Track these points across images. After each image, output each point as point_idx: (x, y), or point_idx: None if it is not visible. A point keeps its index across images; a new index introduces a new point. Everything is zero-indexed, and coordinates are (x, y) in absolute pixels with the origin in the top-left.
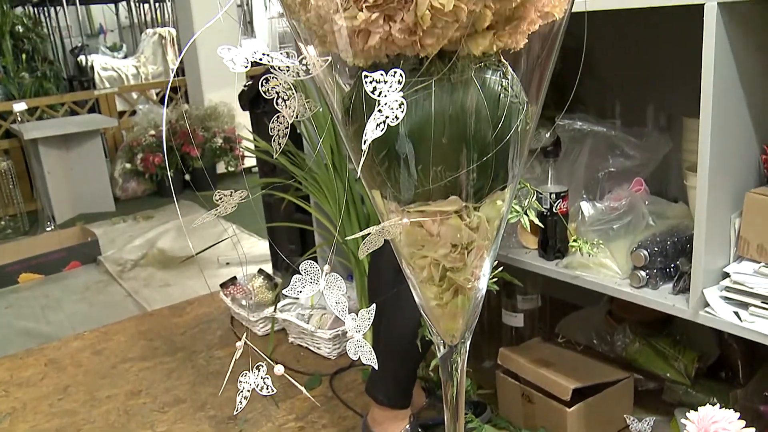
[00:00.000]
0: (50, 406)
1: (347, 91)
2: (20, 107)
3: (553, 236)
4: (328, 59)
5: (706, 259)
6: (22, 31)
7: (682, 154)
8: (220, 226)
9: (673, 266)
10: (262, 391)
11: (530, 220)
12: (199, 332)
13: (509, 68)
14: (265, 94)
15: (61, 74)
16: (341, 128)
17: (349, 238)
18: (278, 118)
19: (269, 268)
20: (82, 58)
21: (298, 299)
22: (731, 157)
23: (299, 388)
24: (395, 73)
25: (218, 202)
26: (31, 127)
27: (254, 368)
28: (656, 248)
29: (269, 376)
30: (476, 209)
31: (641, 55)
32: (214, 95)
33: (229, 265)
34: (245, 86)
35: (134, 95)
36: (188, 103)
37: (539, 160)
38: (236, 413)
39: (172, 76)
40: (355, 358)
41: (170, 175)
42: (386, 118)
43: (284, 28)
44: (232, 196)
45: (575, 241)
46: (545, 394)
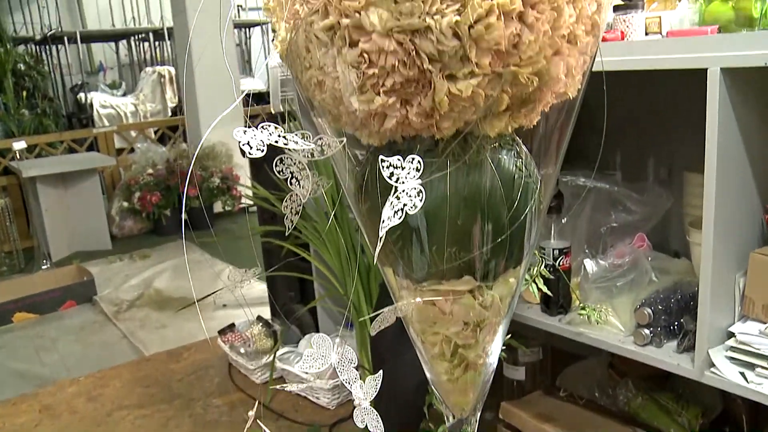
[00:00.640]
0: None
1: (359, 167)
2: (20, 145)
3: (556, 292)
4: (342, 140)
5: (711, 318)
6: (23, 68)
7: (683, 208)
8: (216, 267)
9: (677, 324)
10: None
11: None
12: (196, 379)
13: (523, 147)
14: (279, 174)
15: (60, 111)
16: (352, 203)
17: (362, 319)
18: (291, 196)
19: (267, 310)
20: (81, 95)
21: (297, 347)
22: (735, 217)
23: None
24: (413, 159)
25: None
26: (29, 164)
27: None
28: (660, 306)
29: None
30: (489, 288)
31: (642, 108)
32: (212, 135)
33: (225, 307)
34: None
35: (132, 133)
36: (186, 142)
37: None
38: None
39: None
40: (362, 426)
41: (168, 214)
42: (404, 206)
43: (286, 75)
44: (246, 273)
45: (583, 308)
46: None
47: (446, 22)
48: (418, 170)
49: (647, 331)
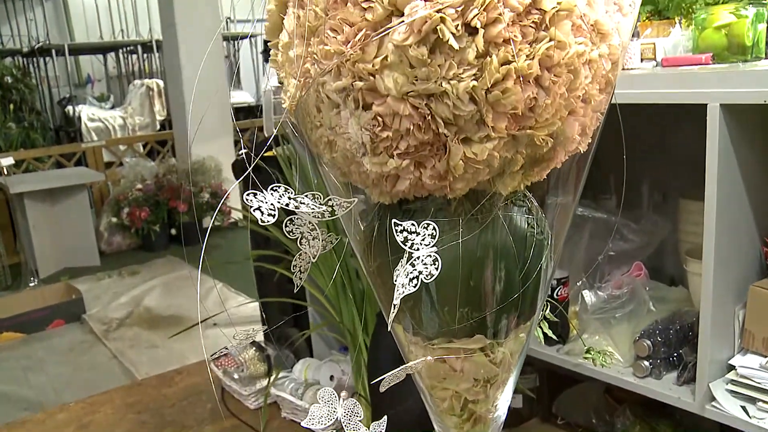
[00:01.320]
0: None
1: (368, 222)
2: (7, 161)
3: (554, 322)
4: (354, 201)
5: (711, 351)
6: (10, 81)
7: (679, 234)
8: (206, 284)
9: (676, 355)
10: None
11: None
12: (188, 405)
13: (534, 202)
14: (289, 234)
15: (48, 125)
16: (360, 258)
17: (373, 381)
18: (300, 255)
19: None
20: (69, 108)
21: (291, 372)
22: (734, 249)
23: None
24: (428, 225)
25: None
26: (17, 180)
27: None
28: (659, 338)
29: None
30: (500, 344)
31: (636, 134)
32: (201, 150)
33: (216, 325)
34: (239, 155)
35: (121, 147)
36: (175, 157)
37: None
38: None
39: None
40: None
41: (157, 229)
42: (419, 273)
43: (279, 99)
44: (254, 330)
45: (588, 351)
46: None
47: (463, 87)
48: (433, 237)
49: (647, 363)
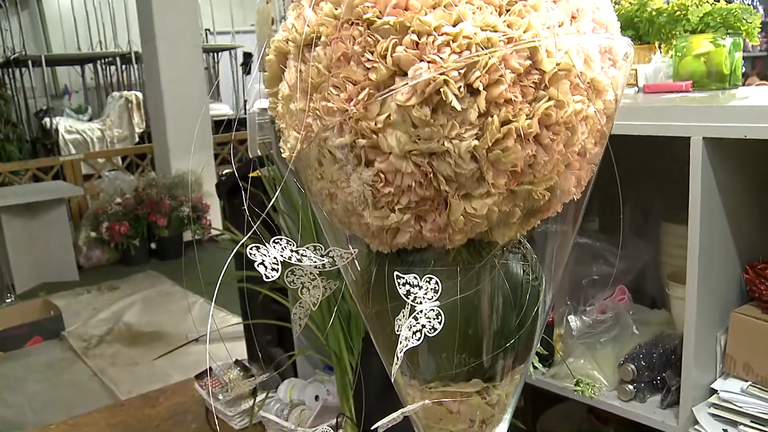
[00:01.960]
0: None
1: (365, 267)
2: None
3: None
4: (354, 252)
5: (694, 375)
6: None
7: (660, 257)
8: (187, 299)
9: (659, 378)
10: None
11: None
12: (173, 425)
13: (529, 248)
14: (289, 284)
15: (24, 137)
16: (357, 302)
17: (374, 426)
18: (300, 304)
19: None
20: (46, 120)
21: (276, 393)
22: (717, 276)
23: None
24: (430, 279)
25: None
26: None
27: None
28: (643, 362)
29: None
30: (496, 387)
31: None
32: (181, 163)
33: (198, 341)
34: (222, 176)
35: (99, 160)
36: (155, 170)
37: None
38: None
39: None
40: None
41: (136, 243)
42: (423, 327)
43: (263, 120)
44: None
45: (578, 384)
46: None
47: (465, 146)
48: (435, 291)
49: (631, 386)
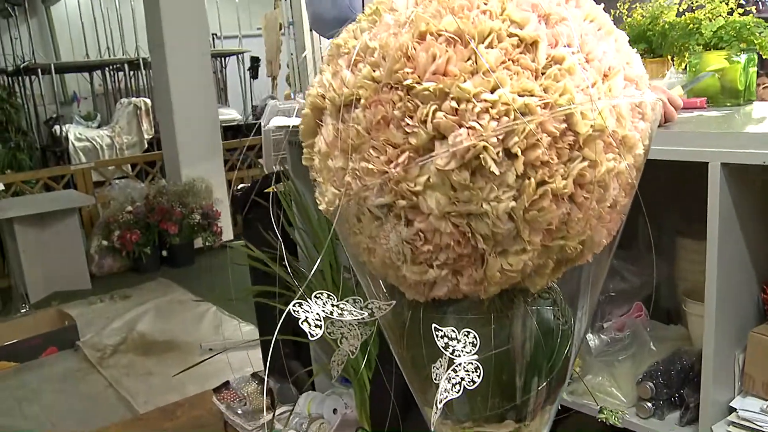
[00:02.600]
0: None
1: (399, 312)
2: None
3: None
4: (391, 303)
5: (713, 394)
6: None
7: (676, 272)
8: (200, 307)
9: (677, 395)
10: None
11: None
12: None
13: (558, 292)
14: (330, 334)
15: (34, 145)
16: (392, 346)
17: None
18: (339, 351)
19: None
20: (56, 128)
21: (294, 407)
22: (735, 296)
23: None
24: (468, 333)
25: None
26: (6, 205)
27: None
28: (661, 380)
29: None
30: (527, 426)
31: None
32: (191, 171)
33: (211, 351)
34: (238, 191)
35: (110, 167)
36: (165, 177)
37: None
38: None
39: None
40: None
41: (148, 251)
42: (462, 380)
43: (279, 136)
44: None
45: (602, 411)
46: None
47: (503, 208)
48: (474, 345)
49: (649, 404)
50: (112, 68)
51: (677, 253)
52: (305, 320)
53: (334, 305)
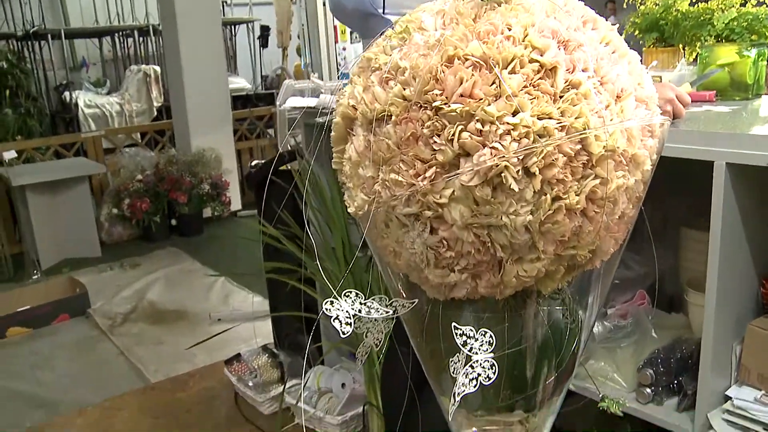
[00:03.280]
0: None
1: (420, 308)
2: (10, 155)
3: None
4: (414, 301)
5: (710, 382)
6: (6, 67)
7: (679, 261)
8: (209, 277)
9: (676, 382)
10: None
11: None
12: (204, 410)
13: (567, 293)
14: (356, 330)
15: (44, 110)
16: (411, 339)
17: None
18: (364, 343)
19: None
20: (66, 94)
21: (305, 381)
22: (735, 289)
23: None
24: (485, 333)
25: None
26: (18, 172)
27: None
28: (661, 367)
29: None
30: (535, 415)
31: None
32: (200, 141)
33: (220, 321)
34: (252, 168)
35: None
36: (174, 146)
37: None
38: None
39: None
40: None
41: (157, 220)
42: (478, 375)
43: (294, 115)
44: None
45: (603, 400)
46: None
47: (520, 221)
48: (490, 344)
49: (649, 390)
50: (121, 34)
51: (682, 243)
52: (337, 317)
53: (362, 303)
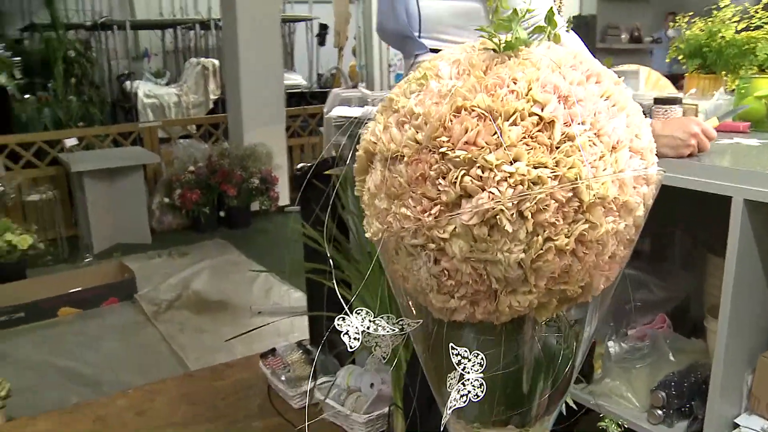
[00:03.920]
0: None
1: (426, 327)
2: (71, 142)
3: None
4: (419, 321)
5: (719, 408)
6: (74, 56)
7: (704, 287)
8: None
9: (688, 406)
10: None
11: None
12: (238, 399)
13: (563, 320)
14: (365, 343)
15: (106, 99)
16: (418, 351)
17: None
18: (373, 356)
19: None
20: (127, 84)
21: (334, 378)
22: (748, 319)
23: None
24: (477, 354)
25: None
26: (78, 158)
27: None
28: (674, 390)
29: None
30: (527, 431)
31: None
32: (253, 136)
33: (261, 314)
34: (297, 171)
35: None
36: (227, 140)
37: None
38: None
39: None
40: None
41: (206, 211)
42: (468, 393)
43: (339, 123)
44: None
45: (603, 420)
46: None
47: (513, 258)
48: (481, 365)
49: (660, 412)
50: (183, 27)
51: (708, 269)
52: (346, 332)
53: (371, 321)
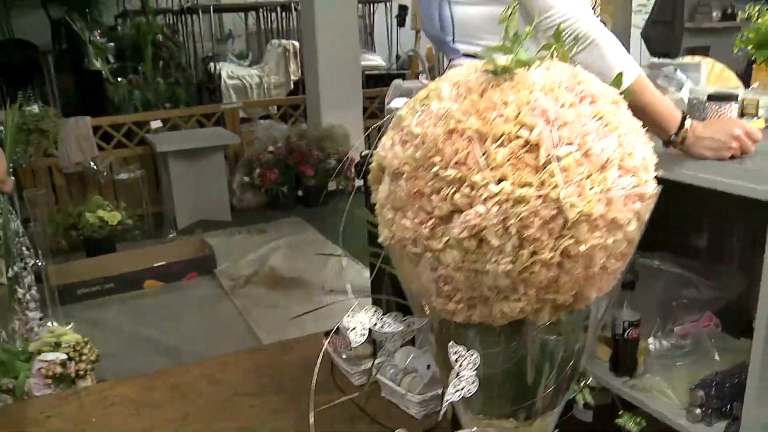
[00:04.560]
0: None
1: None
2: (156, 124)
3: (624, 357)
4: (425, 321)
5: (757, 410)
6: (161, 39)
7: (759, 288)
8: (326, 248)
9: (729, 407)
10: None
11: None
12: (303, 375)
13: (563, 322)
14: (375, 338)
15: (191, 80)
16: (431, 346)
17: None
18: (384, 350)
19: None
20: (211, 65)
21: (393, 359)
22: None
23: None
24: (473, 354)
25: None
26: (163, 139)
27: None
28: (713, 390)
29: None
30: (529, 425)
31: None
32: (331, 117)
33: (332, 292)
34: (362, 157)
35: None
36: (306, 121)
37: None
38: None
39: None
40: None
41: (285, 190)
42: (462, 388)
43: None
44: None
45: (621, 417)
46: None
47: (501, 269)
48: (475, 364)
49: (699, 410)
50: (266, 9)
51: (765, 271)
52: (354, 328)
53: (379, 318)
